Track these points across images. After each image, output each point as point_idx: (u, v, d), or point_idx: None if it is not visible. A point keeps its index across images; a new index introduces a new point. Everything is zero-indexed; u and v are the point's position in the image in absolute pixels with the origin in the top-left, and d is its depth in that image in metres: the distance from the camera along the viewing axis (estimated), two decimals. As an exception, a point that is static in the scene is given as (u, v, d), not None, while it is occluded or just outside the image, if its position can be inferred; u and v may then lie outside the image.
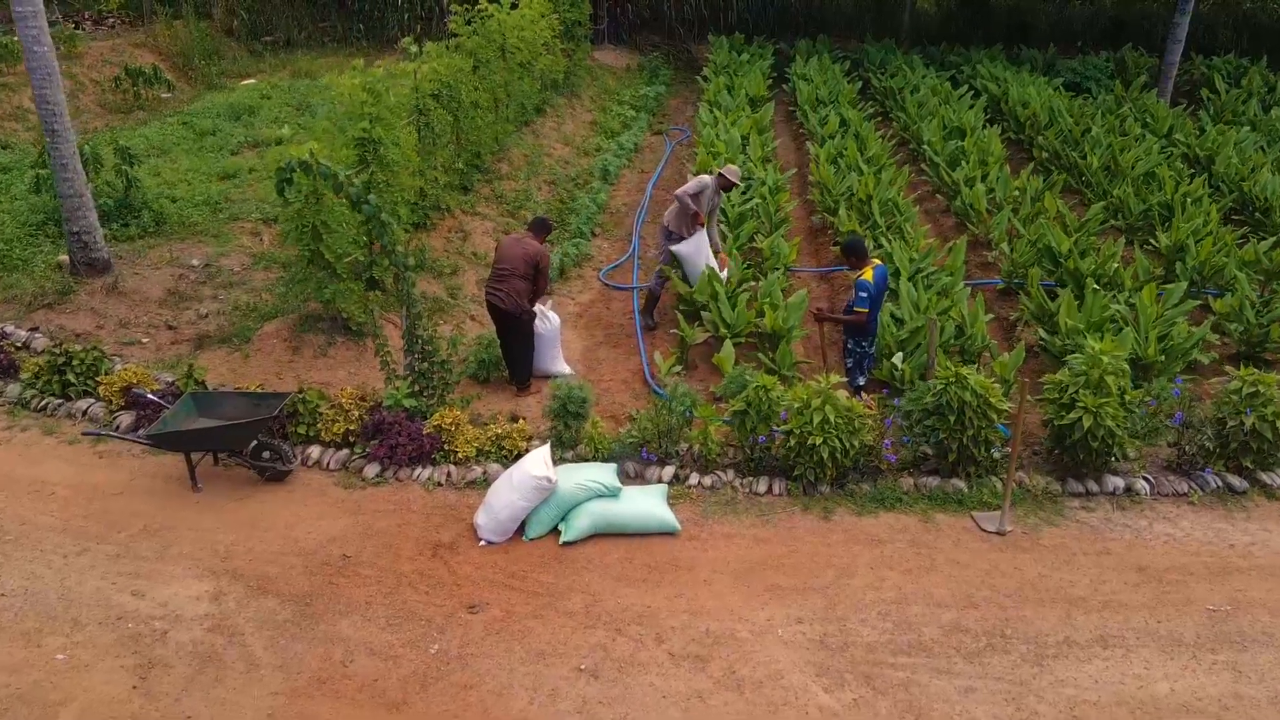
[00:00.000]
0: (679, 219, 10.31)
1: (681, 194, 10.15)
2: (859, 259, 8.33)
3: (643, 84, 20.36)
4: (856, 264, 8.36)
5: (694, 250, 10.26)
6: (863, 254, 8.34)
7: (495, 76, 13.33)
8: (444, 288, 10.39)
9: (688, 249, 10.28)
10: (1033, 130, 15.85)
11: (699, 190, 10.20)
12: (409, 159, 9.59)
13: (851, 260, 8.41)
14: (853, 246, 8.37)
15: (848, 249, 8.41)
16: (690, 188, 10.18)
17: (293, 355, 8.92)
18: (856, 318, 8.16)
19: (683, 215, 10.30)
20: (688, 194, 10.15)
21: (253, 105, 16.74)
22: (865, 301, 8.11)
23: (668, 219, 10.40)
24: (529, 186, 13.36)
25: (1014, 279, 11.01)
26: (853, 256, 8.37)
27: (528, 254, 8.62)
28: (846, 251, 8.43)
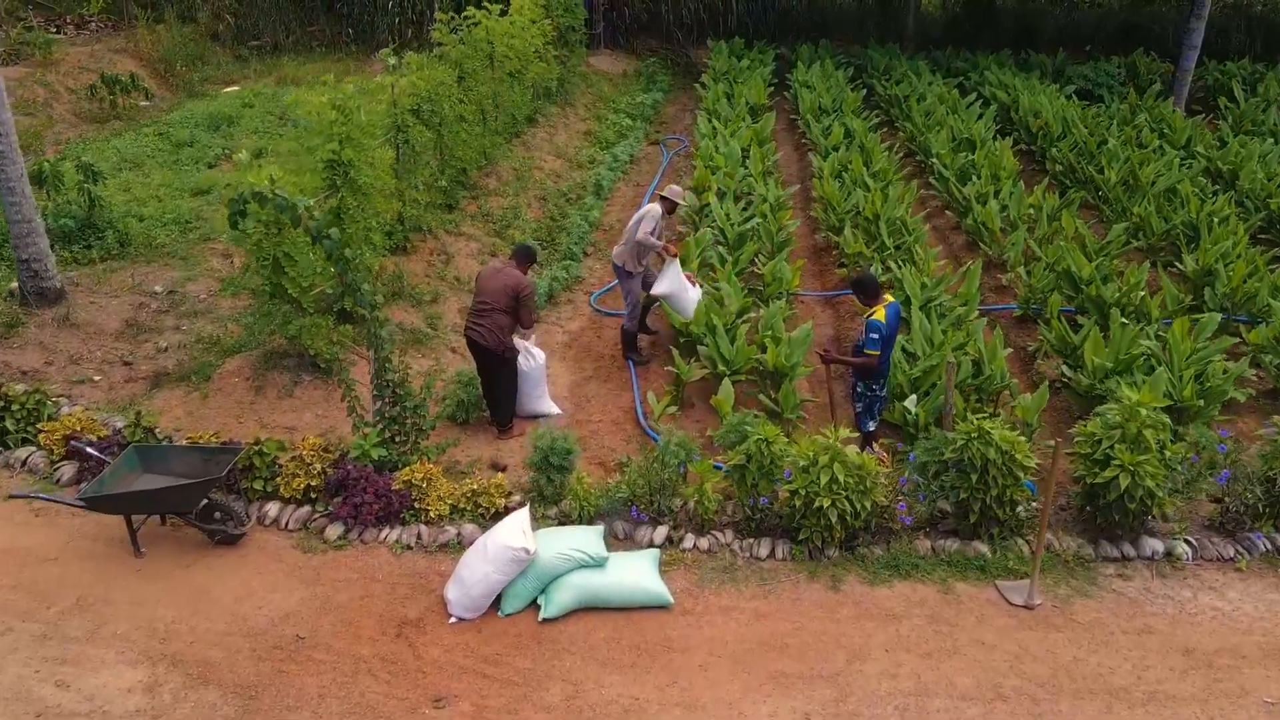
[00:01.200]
0: (634, 258, 9.47)
1: (643, 239, 9.28)
2: (870, 296, 7.60)
3: (640, 90, 19.61)
4: (867, 301, 7.64)
5: (677, 287, 9.49)
6: (874, 291, 7.61)
7: (482, 88, 12.58)
8: (423, 317, 9.66)
9: (671, 287, 9.48)
10: (1045, 141, 15.10)
11: (655, 225, 9.35)
12: (384, 181, 8.85)
13: (862, 297, 7.68)
14: (863, 283, 7.65)
15: (858, 285, 7.68)
16: (647, 226, 9.29)
17: (255, 396, 8.19)
18: (867, 361, 7.43)
19: (640, 254, 9.48)
20: (648, 234, 9.31)
21: (234, 114, 16.02)
22: (877, 343, 7.38)
23: (620, 257, 9.54)
24: (518, 203, 12.62)
25: (1031, 305, 10.28)
26: (863, 293, 7.65)
27: (509, 286, 7.89)
28: (856, 288, 7.70)
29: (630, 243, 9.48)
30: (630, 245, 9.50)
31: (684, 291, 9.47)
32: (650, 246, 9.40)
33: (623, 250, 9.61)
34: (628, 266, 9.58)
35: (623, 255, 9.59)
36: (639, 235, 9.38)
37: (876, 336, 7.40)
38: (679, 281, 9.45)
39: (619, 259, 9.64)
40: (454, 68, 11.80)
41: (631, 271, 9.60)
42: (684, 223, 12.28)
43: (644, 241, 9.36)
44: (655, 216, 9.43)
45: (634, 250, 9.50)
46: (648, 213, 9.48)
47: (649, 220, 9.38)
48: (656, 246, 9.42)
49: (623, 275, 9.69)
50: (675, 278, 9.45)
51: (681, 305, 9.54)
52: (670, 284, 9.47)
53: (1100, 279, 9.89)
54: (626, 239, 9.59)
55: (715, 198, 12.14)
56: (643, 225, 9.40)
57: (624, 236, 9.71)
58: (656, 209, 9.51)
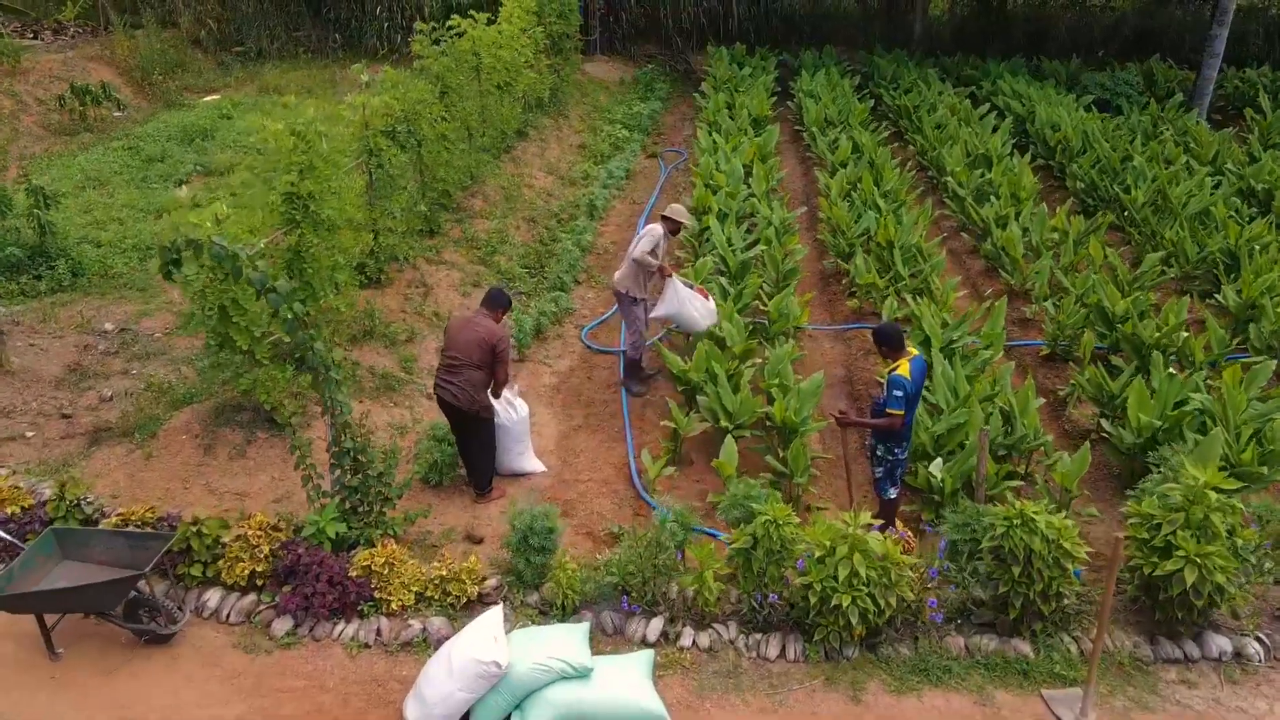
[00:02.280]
0: (635, 281, 8.72)
1: (640, 257, 8.55)
2: (893, 349, 6.70)
3: (636, 99, 18.67)
4: (890, 355, 6.74)
5: (676, 304, 8.70)
6: (898, 343, 6.71)
7: (468, 103, 11.66)
8: (396, 359, 8.74)
9: (671, 307, 8.71)
10: (1064, 157, 14.17)
11: (654, 245, 8.64)
12: (352, 214, 7.94)
13: (884, 350, 6.78)
14: (885, 335, 6.75)
15: (880, 337, 6.78)
16: (645, 245, 8.60)
17: (204, 456, 7.28)
18: (890, 422, 6.53)
19: (640, 277, 8.72)
20: (646, 254, 8.56)
21: (210, 126, 15.11)
22: (900, 402, 6.48)
23: (622, 283, 8.77)
24: (505, 226, 11.70)
25: (1059, 342, 9.38)
26: (885, 346, 6.75)
27: (482, 338, 6.98)
28: (879, 340, 6.80)
29: (631, 264, 8.65)
30: (631, 267, 8.66)
31: (688, 306, 8.70)
32: (646, 266, 8.60)
33: (623, 273, 8.76)
34: (630, 291, 8.74)
35: (624, 279, 8.76)
36: (635, 253, 8.57)
37: (900, 395, 6.50)
38: (680, 298, 8.68)
39: (620, 284, 8.80)
40: (435, 82, 10.88)
41: (636, 297, 8.77)
42: (683, 248, 11.36)
43: (640, 260, 8.54)
44: (656, 236, 8.65)
45: (634, 272, 8.66)
46: (648, 232, 8.71)
47: (648, 239, 8.62)
48: (653, 266, 8.63)
49: (625, 302, 8.85)
50: (676, 296, 8.68)
51: (690, 322, 8.78)
52: (670, 304, 8.69)
53: (1137, 315, 8.99)
54: (626, 261, 8.78)
55: (716, 221, 11.24)
56: (641, 243, 8.61)
57: (624, 259, 8.91)
58: (658, 229, 8.73)
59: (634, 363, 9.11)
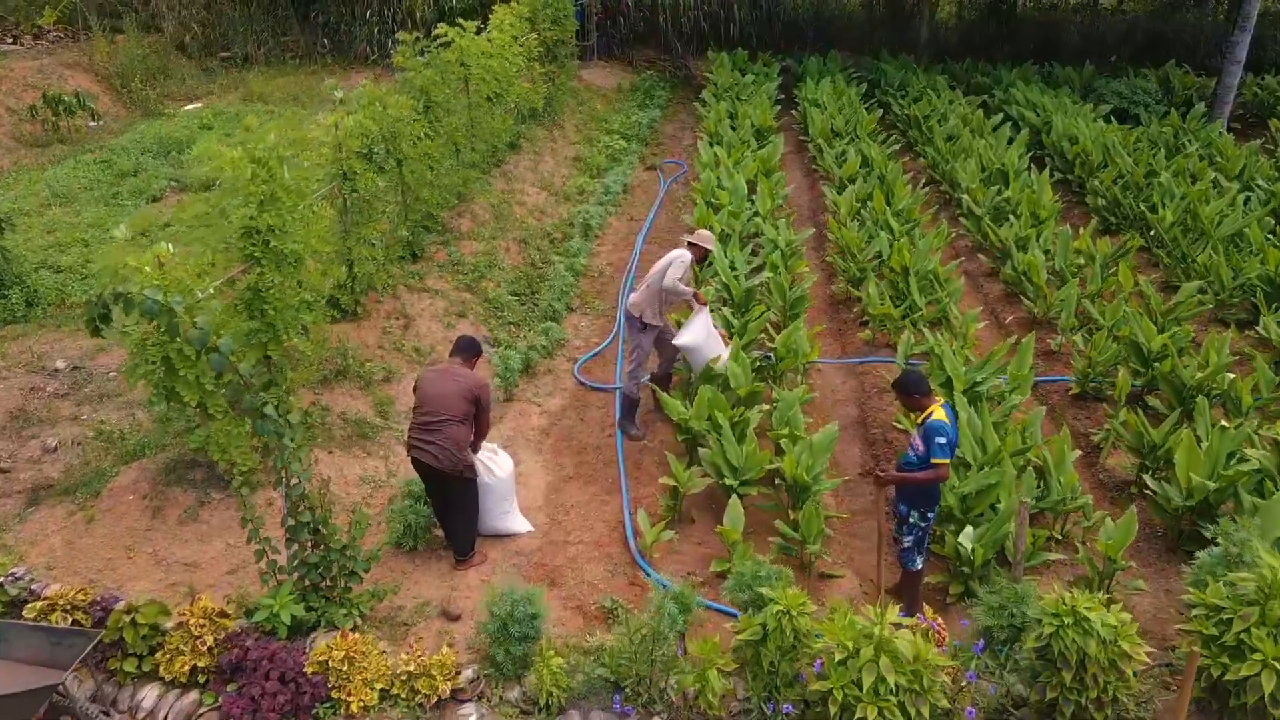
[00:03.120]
0: (654, 307, 8.02)
1: (672, 285, 7.87)
2: (921, 397, 5.96)
3: (635, 107, 17.90)
4: (916, 405, 5.99)
5: (702, 335, 8.03)
6: (925, 391, 5.97)
7: (455, 117, 10.89)
8: (372, 402, 7.97)
9: (695, 338, 8.01)
10: (1083, 171, 13.40)
11: (684, 271, 7.96)
12: (320, 247, 7.17)
13: (910, 401, 6.03)
14: (911, 384, 5.99)
15: (906, 388, 6.03)
16: (677, 272, 7.89)
17: (152, 519, 6.51)
18: (937, 474, 5.77)
19: (659, 304, 8.03)
20: (678, 281, 7.88)
21: (188, 137, 14.30)
22: (946, 450, 5.74)
23: (638, 306, 8.06)
24: (494, 248, 10.93)
25: (1090, 380, 8.61)
26: (912, 394, 6.00)
27: (463, 391, 6.22)
28: (903, 390, 6.04)
29: (653, 289, 7.94)
30: (653, 292, 7.94)
31: (712, 341, 8.04)
32: (679, 295, 7.95)
33: (642, 298, 8.04)
34: (645, 317, 8.03)
35: (641, 304, 8.04)
36: (666, 281, 7.86)
37: (944, 441, 5.75)
38: (708, 331, 8.04)
39: (636, 307, 8.08)
40: (419, 96, 10.11)
41: (647, 324, 8.05)
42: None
43: (671, 289, 7.86)
44: (686, 263, 7.99)
45: (656, 298, 7.96)
46: (677, 258, 7.98)
47: (678, 266, 7.92)
48: (686, 294, 7.98)
49: (635, 327, 8.14)
50: (704, 328, 8.02)
51: (706, 357, 8.05)
52: (696, 334, 8.01)
53: (1176, 351, 8.23)
54: (647, 285, 8.05)
55: (718, 242, 10.45)
56: (671, 270, 7.90)
57: (644, 282, 8.17)
58: (687, 256, 8.06)
59: (631, 402, 8.37)
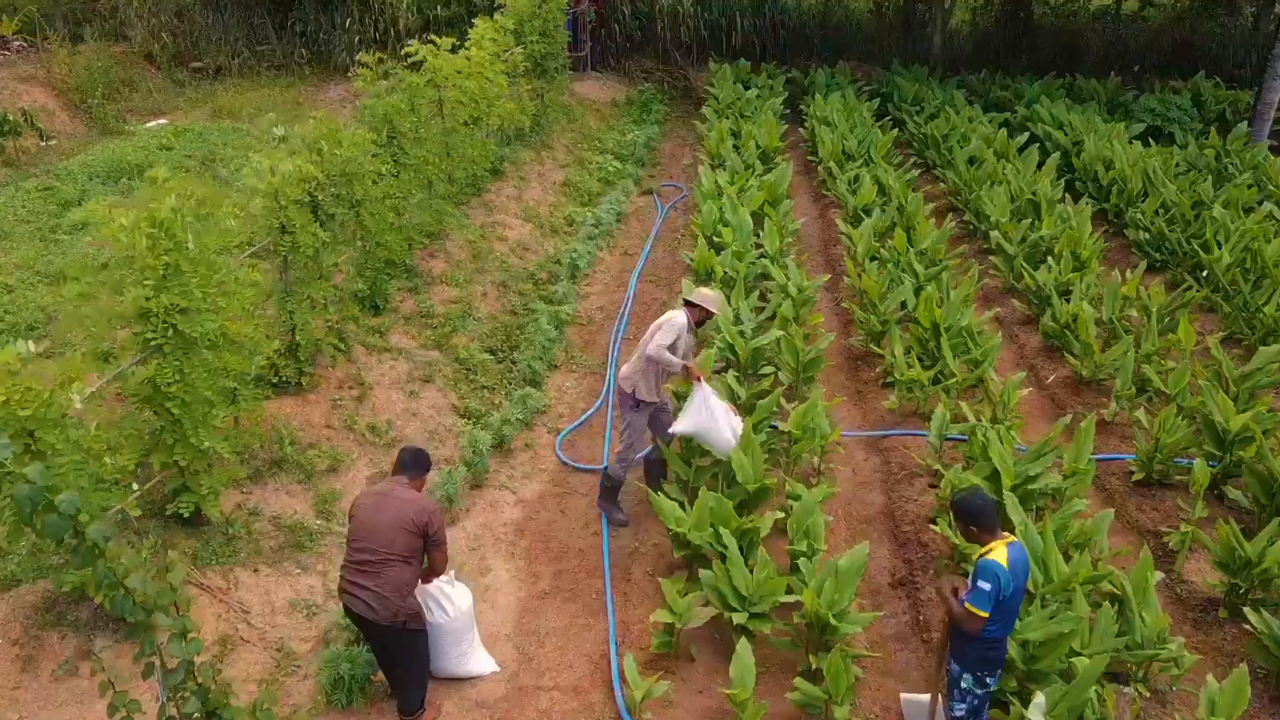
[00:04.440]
0: (647, 380, 6.74)
1: (656, 353, 6.54)
2: (983, 531, 4.67)
3: (631, 123, 16.58)
4: (978, 538, 4.71)
5: (706, 418, 6.61)
6: (989, 523, 4.68)
7: (427, 148, 9.57)
8: (313, 500, 6.66)
9: (698, 422, 6.63)
10: (1121, 200, 12.07)
11: (675, 337, 6.63)
12: (236, 330, 5.86)
13: (970, 532, 4.75)
14: (972, 513, 4.70)
15: (965, 515, 4.74)
16: (663, 338, 6.57)
17: (21, 672, 5.19)
18: (970, 622, 4.49)
19: (653, 376, 6.75)
20: (663, 348, 6.55)
21: (144, 160, 12.94)
22: (985, 600, 4.45)
23: (629, 380, 6.80)
24: (470, 294, 9.61)
25: (1156, 464, 7.31)
26: (973, 525, 4.71)
27: (410, 518, 4.92)
28: (963, 518, 4.75)
29: (645, 362, 6.66)
30: (645, 366, 6.68)
31: (721, 423, 6.63)
32: (666, 365, 6.61)
33: (634, 369, 6.77)
34: (639, 393, 6.76)
35: (633, 376, 6.76)
36: (650, 349, 6.56)
37: (989, 589, 4.46)
38: (713, 412, 6.61)
39: (627, 381, 6.81)
40: (381, 126, 8.80)
41: (641, 400, 6.77)
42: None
43: (656, 357, 6.54)
44: (677, 327, 6.65)
45: (645, 369, 6.67)
46: (667, 321, 6.68)
47: (667, 330, 6.60)
48: (675, 366, 6.63)
49: (627, 403, 6.87)
50: (703, 409, 6.60)
51: (719, 443, 6.71)
52: (697, 418, 6.61)
53: (1261, 433, 6.93)
54: (639, 355, 6.77)
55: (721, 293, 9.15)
56: (658, 335, 6.58)
57: (636, 353, 6.90)
58: (680, 318, 6.71)
59: (616, 484, 7.09)
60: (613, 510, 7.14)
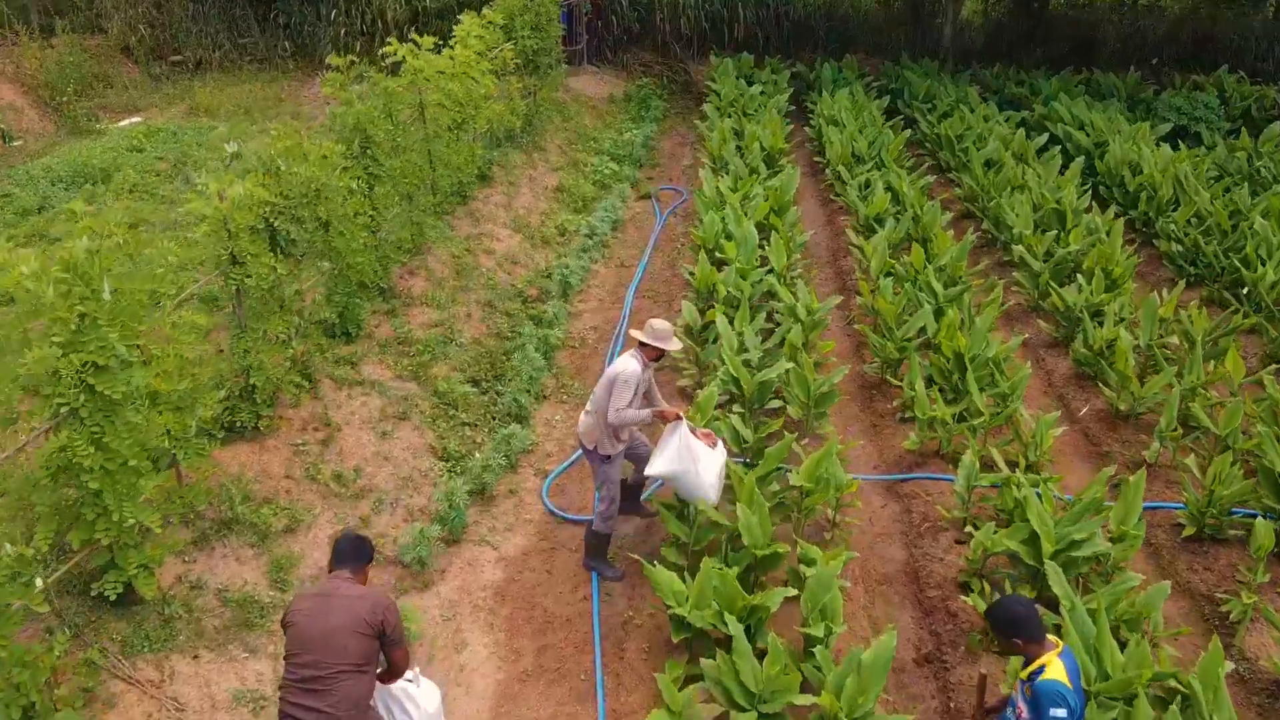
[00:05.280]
0: (606, 434, 6.00)
1: (618, 419, 5.80)
2: (1028, 642, 3.93)
3: (628, 121, 15.73)
4: (1022, 650, 3.95)
5: (684, 460, 5.83)
6: (1035, 633, 3.94)
7: (406, 157, 8.76)
8: (266, 566, 5.88)
9: (674, 464, 5.86)
10: (1150, 208, 11.25)
11: (633, 391, 5.84)
12: (169, 386, 5.08)
13: (1010, 643, 3.99)
14: (1014, 622, 3.98)
15: (1005, 624, 4.01)
16: (620, 398, 5.79)
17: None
18: None
19: (607, 431, 5.99)
20: (622, 410, 5.78)
21: (112, 163, 12.15)
22: None
23: (590, 436, 6.07)
24: (452, 315, 8.82)
25: (1209, 518, 6.55)
26: (1014, 638, 3.96)
27: (359, 622, 4.13)
28: (1002, 628, 4.01)
29: (599, 417, 5.92)
30: (600, 421, 5.93)
31: (702, 464, 5.85)
32: (630, 424, 5.91)
33: (591, 427, 6.04)
34: (601, 448, 6.03)
35: (593, 433, 6.04)
36: (610, 416, 5.80)
37: (1064, 716, 3.73)
38: (691, 453, 5.83)
39: (587, 438, 6.09)
40: (353, 136, 7.98)
41: (607, 455, 6.04)
42: (686, 357, 8.43)
43: (618, 423, 5.83)
44: (633, 381, 5.83)
45: (605, 427, 5.89)
46: (619, 377, 5.84)
47: (621, 389, 5.80)
48: (643, 418, 5.93)
49: (594, 459, 6.13)
50: (685, 450, 5.83)
51: (697, 488, 5.90)
52: (674, 459, 5.84)
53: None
54: (594, 410, 6.02)
55: (722, 314, 8.39)
56: (614, 398, 5.79)
57: (589, 405, 6.13)
58: (633, 367, 5.89)
59: (603, 540, 6.35)
60: (603, 567, 6.41)
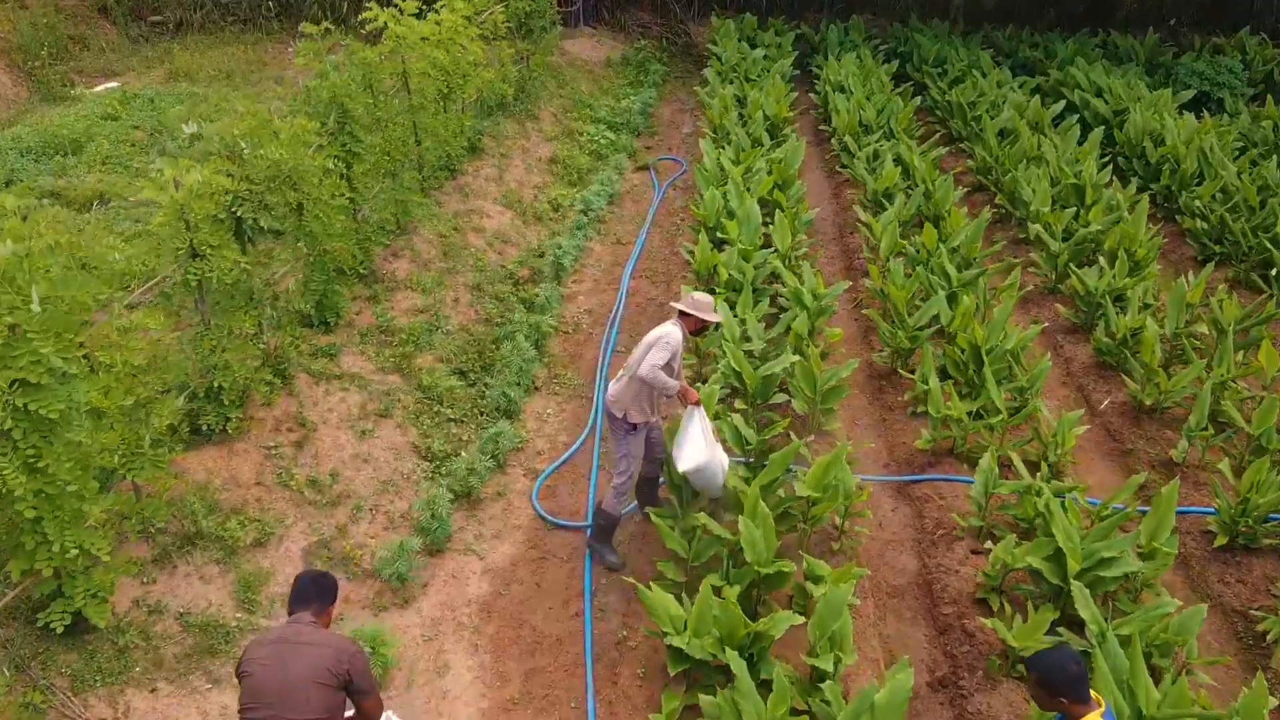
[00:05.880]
0: (638, 401, 5.71)
1: (650, 375, 5.47)
2: (1073, 703, 3.52)
3: (626, 86, 15.09)
4: (1069, 709, 3.55)
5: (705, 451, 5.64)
6: (1079, 692, 3.53)
7: (387, 132, 8.22)
8: (232, 584, 5.45)
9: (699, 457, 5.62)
10: (1173, 181, 10.68)
11: (671, 355, 5.56)
12: (112, 404, 4.62)
13: (1061, 703, 3.58)
14: (1064, 680, 3.56)
15: (1054, 682, 3.57)
16: (658, 356, 5.50)
17: None
18: None
19: (645, 396, 5.72)
20: (657, 368, 5.47)
21: (83, 133, 11.53)
22: None
23: (620, 402, 5.74)
24: (439, 300, 8.33)
25: (1241, 526, 6.12)
26: (1063, 696, 3.55)
27: (323, 672, 3.70)
28: (1051, 685, 3.58)
29: (637, 379, 5.59)
30: (636, 386, 5.63)
31: (714, 459, 5.73)
32: (660, 387, 5.57)
33: (625, 390, 5.71)
34: (630, 416, 5.73)
35: (623, 398, 5.72)
36: (643, 369, 5.49)
37: None
38: (708, 447, 5.67)
39: (617, 404, 5.76)
40: (329, 111, 7.43)
41: (635, 424, 5.74)
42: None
43: (650, 379, 5.49)
44: (673, 344, 5.57)
45: (638, 390, 5.64)
46: (661, 338, 5.58)
47: (661, 348, 5.54)
48: (671, 388, 5.60)
49: (620, 428, 5.81)
50: (705, 439, 5.66)
51: (714, 476, 5.79)
52: (700, 451, 5.63)
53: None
54: (629, 374, 5.71)
55: (724, 300, 7.91)
56: (652, 354, 5.51)
57: (624, 371, 5.82)
58: (676, 333, 5.63)
59: (613, 522, 5.99)
60: (606, 552, 6.13)
